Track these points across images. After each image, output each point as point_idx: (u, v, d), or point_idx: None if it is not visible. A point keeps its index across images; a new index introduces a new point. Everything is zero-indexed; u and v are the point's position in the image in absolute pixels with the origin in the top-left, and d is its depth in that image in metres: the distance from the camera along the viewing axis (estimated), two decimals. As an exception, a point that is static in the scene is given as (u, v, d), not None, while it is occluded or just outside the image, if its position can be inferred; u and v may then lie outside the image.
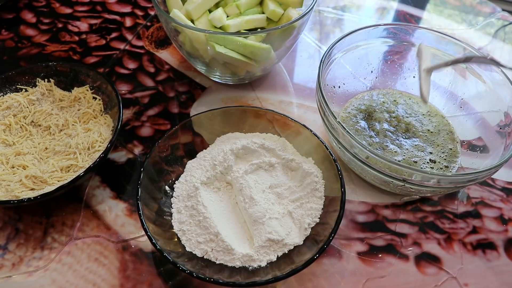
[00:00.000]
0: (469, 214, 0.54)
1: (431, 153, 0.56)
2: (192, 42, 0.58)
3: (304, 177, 0.50)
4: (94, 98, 0.59)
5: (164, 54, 0.73)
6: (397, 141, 0.56)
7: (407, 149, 0.56)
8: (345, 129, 0.48)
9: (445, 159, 0.55)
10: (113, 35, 0.77)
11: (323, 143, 0.51)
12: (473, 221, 0.54)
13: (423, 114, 0.60)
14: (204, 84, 0.69)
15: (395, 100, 0.62)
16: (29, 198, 0.45)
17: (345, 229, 0.52)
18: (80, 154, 0.52)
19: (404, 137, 0.57)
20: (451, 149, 0.56)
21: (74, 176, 0.48)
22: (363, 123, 0.58)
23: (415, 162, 0.55)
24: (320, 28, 0.82)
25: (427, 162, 0.55)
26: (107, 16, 0.81)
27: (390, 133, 0.57)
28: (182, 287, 0.46)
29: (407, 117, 0.60)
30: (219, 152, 0.52)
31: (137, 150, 0.59)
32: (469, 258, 0.50)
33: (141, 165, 0.51)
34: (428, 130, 0.58)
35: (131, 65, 0.71)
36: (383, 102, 0.62)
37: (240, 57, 0.57)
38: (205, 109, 0.56)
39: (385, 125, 0.58)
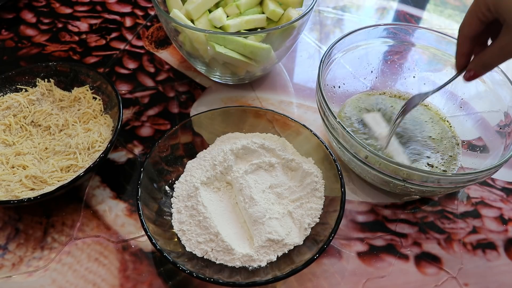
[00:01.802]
0: (469, 214, 0.54)
1: (428, 157, 0.55)
2: (192, 42, 0.58)
3: (304, 177, 0.50)
4: (94, 98, 0.59)
5: (164, 54, 0.73)
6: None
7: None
8: (345, 129, 0.48)
9: (443, 164, 0.55)
10: (113, 35, 0.77)
11: (323, 143, 0.51)
12: (473, 221, 0.54)
13: (425, 121, 0.60)
14: (204, 84, 0.69)
15: (392, 106, 0.61)
16: (29, 198, 0.45)
17: (345, 229, 0.52)
18: (80, 154, 0.52)
19: (401, 141, 0.57)
20: (451, 156, 0.56)
21: (74, 176, 0.48)
22: (360, 128, 0.58)
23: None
24: (320, 28, 0.82)
25: (425, 166, 0.55)
26: (107, 16, 0.81)
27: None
28: (182, 287, 0.46)
29: (405, 123, 0.59)
30: (219, 152, 0.52)
31: (137, 150, 0.59)
32: (469, 258, 0.50)
33: (141, 165, 0.51)
34: (430, 136, 0.58)
35: (131, 65, 0.71)
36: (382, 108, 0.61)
37: (240, 57, 0.57)
38: (205, 109, 0.56)
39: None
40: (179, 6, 0.62)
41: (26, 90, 0.59)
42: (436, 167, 0.55)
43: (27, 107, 0.57)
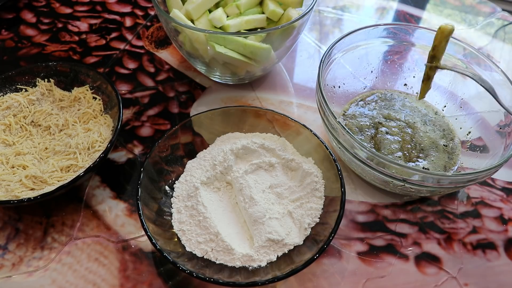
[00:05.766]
0: (469, 214, 0.54)
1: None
2: (192, 42, 0.58)
3: (304, 177, 0.50)
4: (94, 98, 0.59)
5: (164, 54, 0.73)
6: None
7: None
8: (345, 129, 0.48)
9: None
10: (113, 35, 0.77)
11: (323, 143, 0.51)
12: (473, 221, 0.54)
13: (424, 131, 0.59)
14: (204, 84, 0.69)
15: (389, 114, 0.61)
16: (29, 198, 0.45)
17: (345, 229, 0.52)
18: (80, 154, 0.52)
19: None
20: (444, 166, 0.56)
21: (74, 176, 0.48)
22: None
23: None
24: (320, 28, 0.82)
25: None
26: (107, 16, 0.81)
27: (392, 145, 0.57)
28: (182, 287, 0.46)
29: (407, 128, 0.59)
30: (219, 152, 0.52)
31: (137, 150, 0.59)
32: (469, 258, 0.50)
33: (141, 165, 0.51)
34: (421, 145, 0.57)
35: (131, 65, 0.71)
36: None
37: (240, 57, 0.57)
38: (205, 109, 0.56)
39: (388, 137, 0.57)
40: (179, 6, 0.62)
41: (26, 90, 0.59)
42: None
43: (27, 107, 0.57)
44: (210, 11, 0.62)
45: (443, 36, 0.52)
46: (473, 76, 0.52)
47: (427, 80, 0.54)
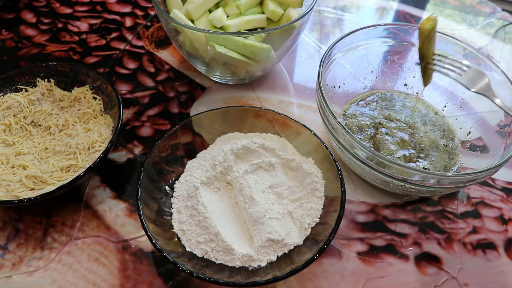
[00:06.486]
0: (469, 214, 0.54)
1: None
2: (192, 42, 0.58)
3: (304, 177, 0.50)
4: (94, 98, 0.59)
5: (164, 54, 0.73)
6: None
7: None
8: (345, 129, 0.48)
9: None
10: (113, 35, 0.77)
11: (323, 143, 0.51)
12: (473, 221, 0.54)
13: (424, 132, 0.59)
14: (204, 84, 0.69)
15: (389, 114, 0.61)
16: (29, 198, 0.45)
17: (345, 229, 0.52)
18: (80, 154, 0.52)
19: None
20: (445, 166, 0.56)
21: (74, 176, 0.48)
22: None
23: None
24: (320, 28, 0.82)
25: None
26: (107, 16, 0.81)
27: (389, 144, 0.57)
28: (182, 287, 0.46)
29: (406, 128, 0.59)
30: (219, 152, 0.52)
31: (137, 150, 0.59)
32: (469, 258, 0.50)
33: (141, 165, 0.51)
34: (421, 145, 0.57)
35: (131, 65, 0.71)
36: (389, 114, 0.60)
37: (240, 57, 0.57)
38: (205, 109, 0.56)
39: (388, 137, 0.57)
40: (179, 6, 0.62)
41: (26, 90, 0.59)
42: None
43: (27, 107, 0.57)
44: (210, 11, 0.62)
45: (423, 37, 0.52)
46: (464, 83, 0.53)
47: (424, 73, 0.56)
